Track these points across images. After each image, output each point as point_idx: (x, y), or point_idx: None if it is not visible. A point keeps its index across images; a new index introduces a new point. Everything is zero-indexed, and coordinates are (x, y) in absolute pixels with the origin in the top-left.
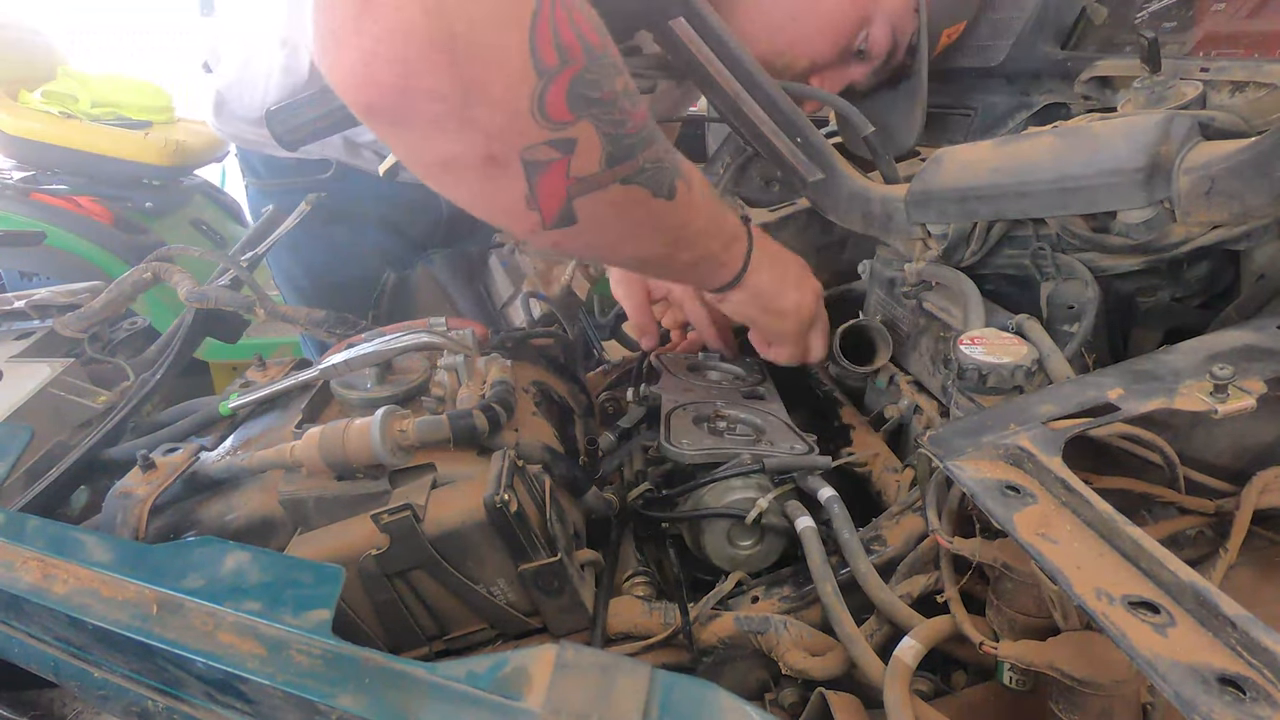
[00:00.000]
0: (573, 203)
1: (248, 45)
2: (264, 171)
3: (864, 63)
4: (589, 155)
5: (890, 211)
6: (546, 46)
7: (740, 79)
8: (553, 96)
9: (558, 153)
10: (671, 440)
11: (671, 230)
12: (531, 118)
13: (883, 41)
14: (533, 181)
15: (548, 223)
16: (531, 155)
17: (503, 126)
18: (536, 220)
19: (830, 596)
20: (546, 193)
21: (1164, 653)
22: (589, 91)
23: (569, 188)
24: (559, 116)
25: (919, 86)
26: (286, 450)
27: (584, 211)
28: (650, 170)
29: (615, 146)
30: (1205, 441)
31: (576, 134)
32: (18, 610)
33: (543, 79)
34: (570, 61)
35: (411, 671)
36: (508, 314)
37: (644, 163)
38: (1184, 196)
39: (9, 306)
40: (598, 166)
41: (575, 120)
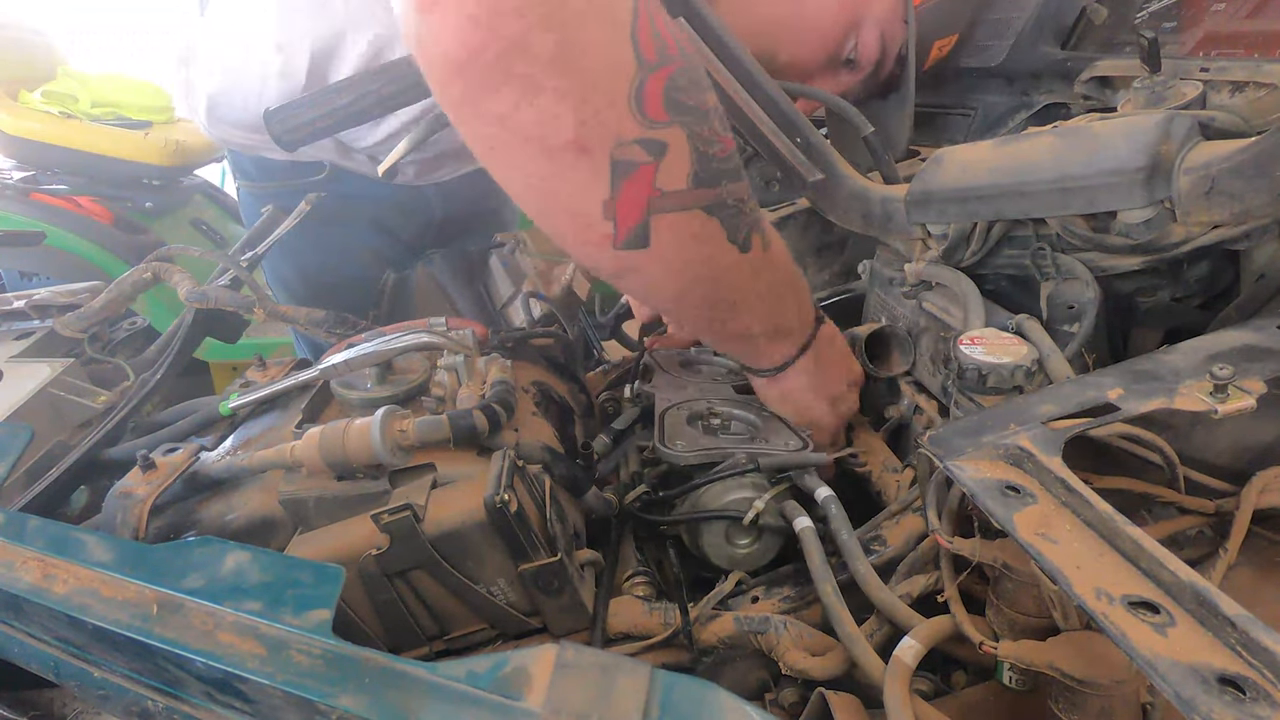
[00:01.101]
0: (650, 219)
1: (239, 49)
2: (256, 174)
3: (854, 71)
4: (678, 167)
5: (890, 211)
6: (647, 39)
7: (740, 79)
8: (650, 91)
9: (648, 155)
10: (666, 441)
11: (735, 288)
12: (628, 108)
13: (871, 50)
14: (617, 185)
15: (620, 239)
16: (621, 154)
17: (599, 110)
18: (609, 233)
19: (830, 596)
20: (627, 201)
21: (1164, 653)
22: (684, 97)
23: (651, 200)
24: (655, 115)
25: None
26: (286, 450)
27: (659, 234)
28: (732, 208)
29: (703, 166)
30: (1205, 441)
31: (669, 138)
32: (18, 610)
33: (643, 70)
34: (668, 60)
35: (411, 671)
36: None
37: (727, 196)
38: (1184, 196)
39: (9, 306)
40: (684, 183)
41: (669, 123)
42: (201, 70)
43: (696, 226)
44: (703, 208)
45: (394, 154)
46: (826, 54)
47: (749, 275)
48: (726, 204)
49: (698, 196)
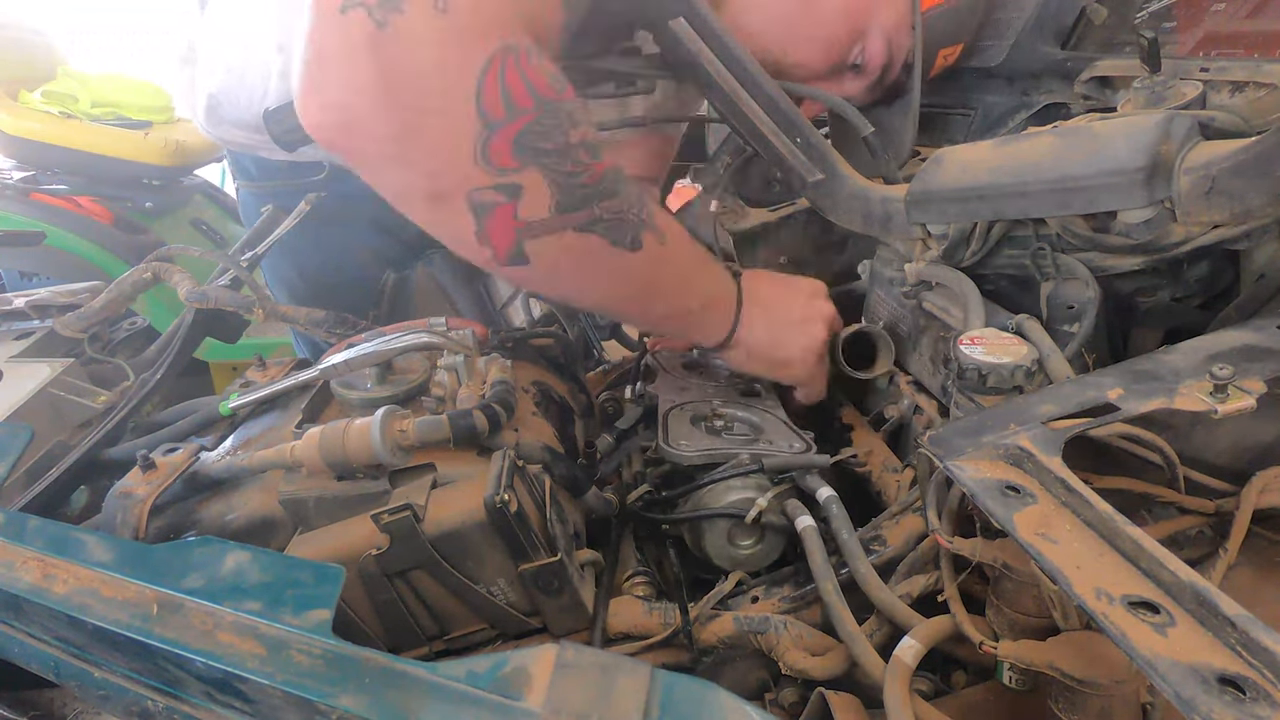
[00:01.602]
0: (523, 244)
1: (240, 49)
2: (256, 173)
3: (859, 77)
4: (537, 201)
5: (890, 211)
6: (494, 98)
7: (740, 79)
8: (497, 145)
9: (503, 197)
10: (670, 441)
11: (636, 282)
12: (474, 163)
13: (878, 56)
14: (481, 220)
15: (500, 259)
16: (478, 198)
17: (443, 169)
18: (490, 255)
19: (831, 595)
20: (496, 232)
21: (1164, 653)
22: (538, 142)
23: (518, 230)
24: (503, 164)
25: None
26: (286, 450)
27: (535, 253)
28: (609, 221)
29: (567, 196)
30: (1205, 441)
31: (523, 180)
32: (18, 610)
33: (488, 129)
34: (519, 114)
35: (411, 671)
36: (507, 314)
37: (602, 213)
38: (1184, 196)
39: (9, 306)
40: (547, 212)
41: (521, 168)
42: (203, 70)
43: (571, 243)
44: (574, 228)
45: None
46: (833, 58)
47: (649, 268)
48: (602, 219)
49: (565, 220)
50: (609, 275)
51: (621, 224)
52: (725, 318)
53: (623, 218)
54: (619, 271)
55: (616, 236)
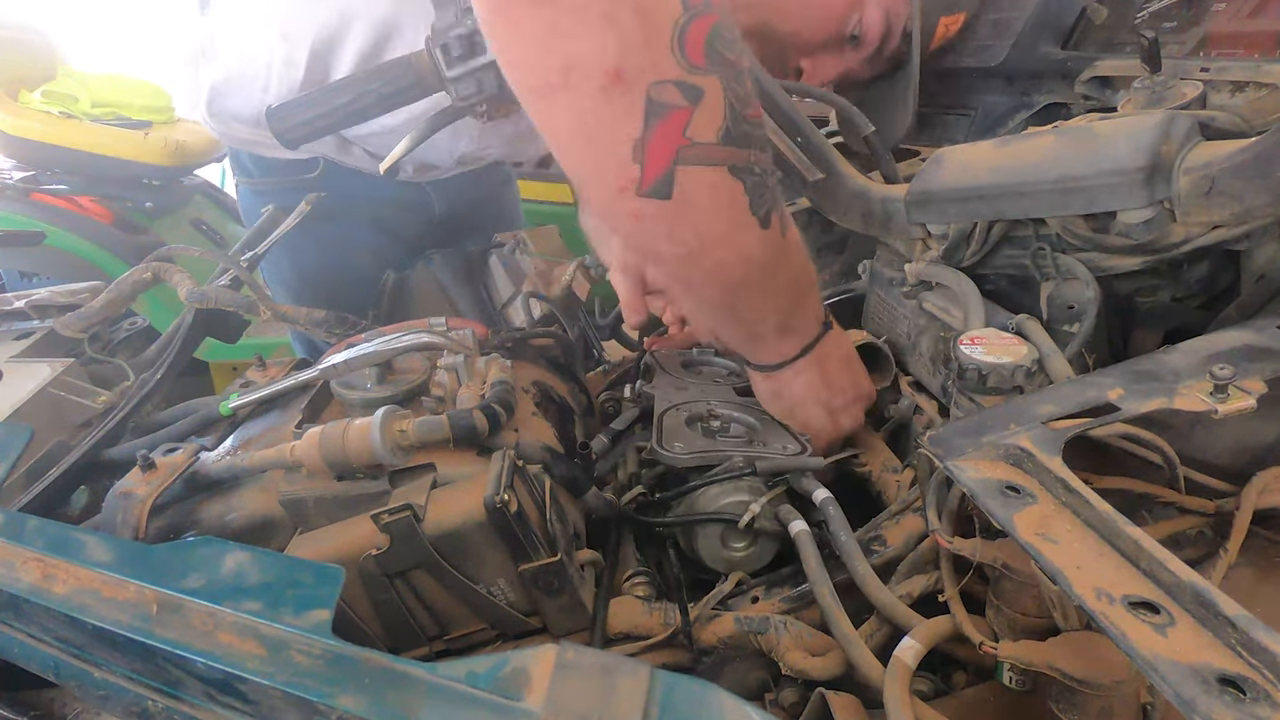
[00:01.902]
0: (676, 169)
1: (244, 39)
2: (255, 171)
3: (858, 49)
4: (710, 118)
5: (890, 211)
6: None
7: None
8: (693, 36)
9: (684, 99)
10: (664, 443)
11: (750, 262)
12: (669, 47)
13: (876, 25)
14: (650, 125)
15: (645, 184)
16: (658, 94)
17: (642, 41)
18: (635, 176)
19: (827, 599)
20: (657, 144)
21: (1164, 653)
22: (724, 49)
23: (680, 148)
24: (695, 59)
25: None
26: (286, 450)
27: (682, 186)
28: (758, 177)
29: (735, 124)
30: (1205, 441)
31: (706, 85)
32: (18, 610)
33: (687, 13)
34: (711, 9)
35: (411, 671)
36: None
37: (755, 162)
38: (1184, 196)
39: (9, 306)
40: (714, 136)
41: (708, 70)
42: (210, 64)
43: (720, 184)
44: (729, 167)
45: (394, 153)
46: (831, 29)
47: (765, 254)
48: (753, 170)
49: (726, 154)
50: (734, 241)
51: (763, 188)
52: (788, 349)
53: (765, 181)
54: (743, 242)
55: (756, 200)
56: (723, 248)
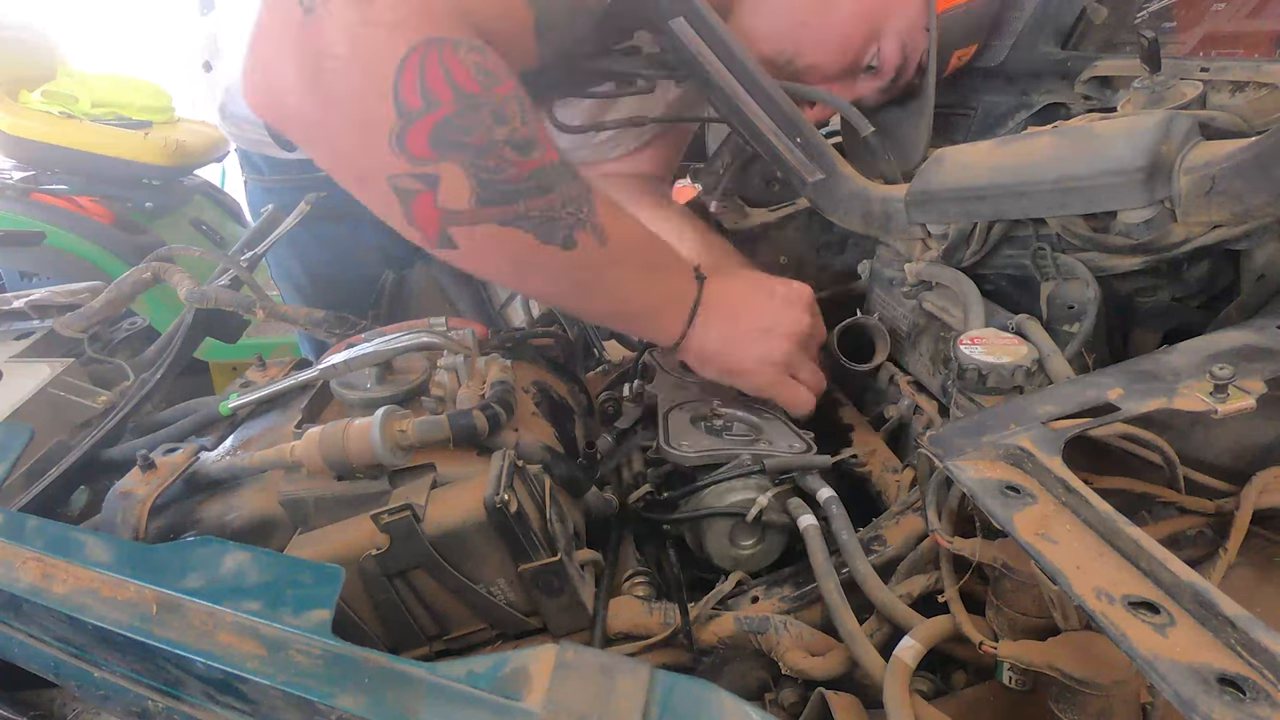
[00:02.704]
0: (448, 230)
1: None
2: (265, 168)
3: (874, 78)
4: (456, 193)
5: (890, 211)
6: (411, 90)
7: (740, 79)
8: (414, 135)
9: (421, 185)
10: (670, 442)
11: (568, 278)
12: (390, 151)
13: (893, 57)
14: (406, 205)
15: (431, 243)
16: (398, 183)
17: (361, 152)
18: (420, 237)
19: (833, 594)
20: (421, 217)
21: (1164, 653)
22: (457, 136)
23: (440, 217)
24: (420, 154)
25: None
26: (286, 450)
27: (461, 240)
28: (536, 218)
29: (487, 190)
30: (1205, 441)
31: (439, 171)
32: (18, 610)
33: (404, 118)
34: (435, 106)
35: (411, 671)
36: (506, 314)
37: (527, 210)
38: (1184, 196)
39: (9, 306)
40: (467, 204)
41: (439, 159)
42: (223, 64)
43: (495, 236)
44: (496, 221)
45: None
46: (848, 60)
47: (580, 268)
48: (528, 216)
49: (487, 214)
50: (537, 270)
51: (552, 222)
52: (677, 320)
53: (554, 215)
54: (547, 268)
55: (545, 234)
56: (528, 276)
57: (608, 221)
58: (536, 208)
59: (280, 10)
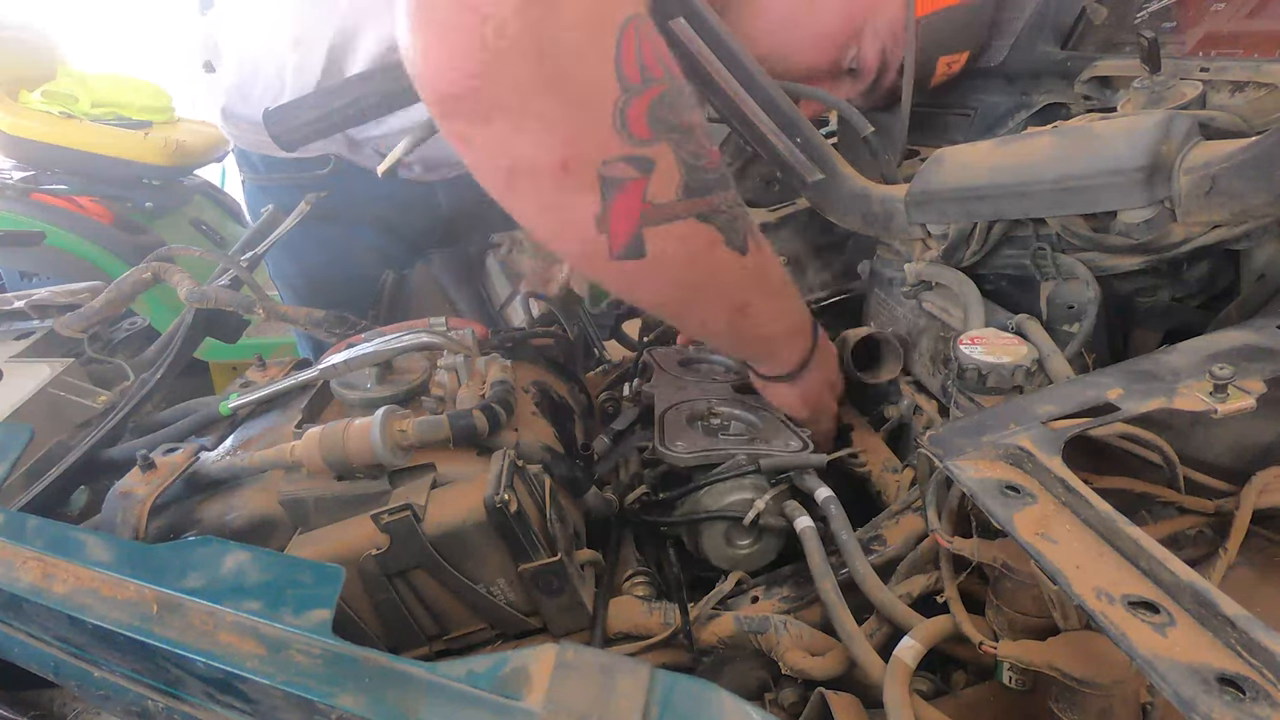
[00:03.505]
0: (643, 231)
1: (255, 45)
2: (263, 168)
3: (855, 81)
4: (667, 181)
5: (890, 211)
6: (631, 61)
7: (740, 79)
8: (634, 112)
9: (636, 171)
10: (666, 443)
11: (740, 289)
12: (613, 128)
13: (872, 59)
14: (608, 199)
15: (615, 250)
16: (609, 171)
17: (583, 132)
18: (605, 246)
19: (830, 594)
20: (619, 214)
21: (1164, 653)
22: (670, 115)
23: (643, 213)
24: (639, 133)
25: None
26: (286, 450)
27: (654, 244)
28: (725, 214)
29: (693, 178)
30: (1205, 441)
31: (655, 155)
32: (18, 610)
33: (626, 92)
34: (653, 81)
35: (411, 671)
36: (506, 314)
37: (720, 203)
38: (1184, 196)
39: (9, 306)
40: (674, 194)
41: (654, 140)
42: (224, 66)
43: (691, 233)
44: (695, 216)
45: (393, 155)
46: (828, 61)
47: (752, 276)
48: (720, 210)
49: (689, 206)
50: (718, 276)
51: (735, 221)
52: (800, 350)
53: (734, 214)
54: (727, 274)
55: (730, 234)
56: (709, 287)
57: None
58: (725, 202)
59: None
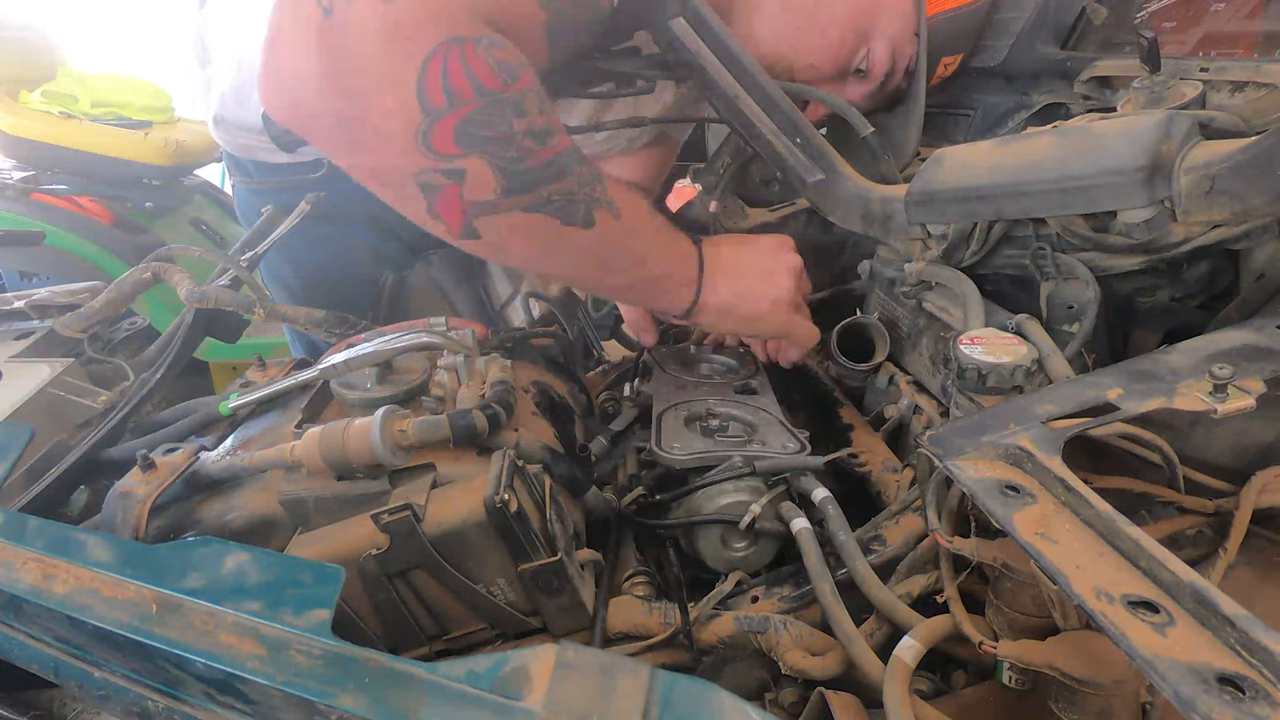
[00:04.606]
0: (473, 222)
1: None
2: (255, 172)
3: (863, 82)
4: (482, 185)
5: (890, 211)
6: (435, 89)
7: (740, 79)
8: (438, 133)
9: (447, 180)
10: (662, 444)
11: (590, 257)
12: (416, 150)
13: (882, 62)
14: (430, 199)
15: (454, 234)
16: (424, 179)
17: (389, 152)
18: (444, 230)
19: (828, 597)
20: (445, 210)
21: (1163, 652)
22: (481, 131)
23: (465, 209)
24: (445, 150)
25: (915, 109)
26: (286, 450)
27: (486, 230)
28: (559, 202)
29: (511, 180)
30: (1205, 441)
31: (466, 166)
32: (18, 610)
33: (428, 117)
34: (459, 104)
35: (411, 671)
36: (506, 314)
37: (550, 195)
38: (1184, 196)
39: (9, 306)
40: (493, 195)
41: (464, 154)
42: (217, 69)
43: (520, 223)
44: (521, 209)
45: None
46: (838, 64)
47: (602, 243)
48: (550, 200)
49: (512, 202)
50: (560, 251)
51: (571, 203)
52: (688, 284)
53: (572, 198)
54: (570, 248)
55: (566, 216)
56: (554, 258)
57: (618, 197)
58: (557, 192)
59: (299, 13)
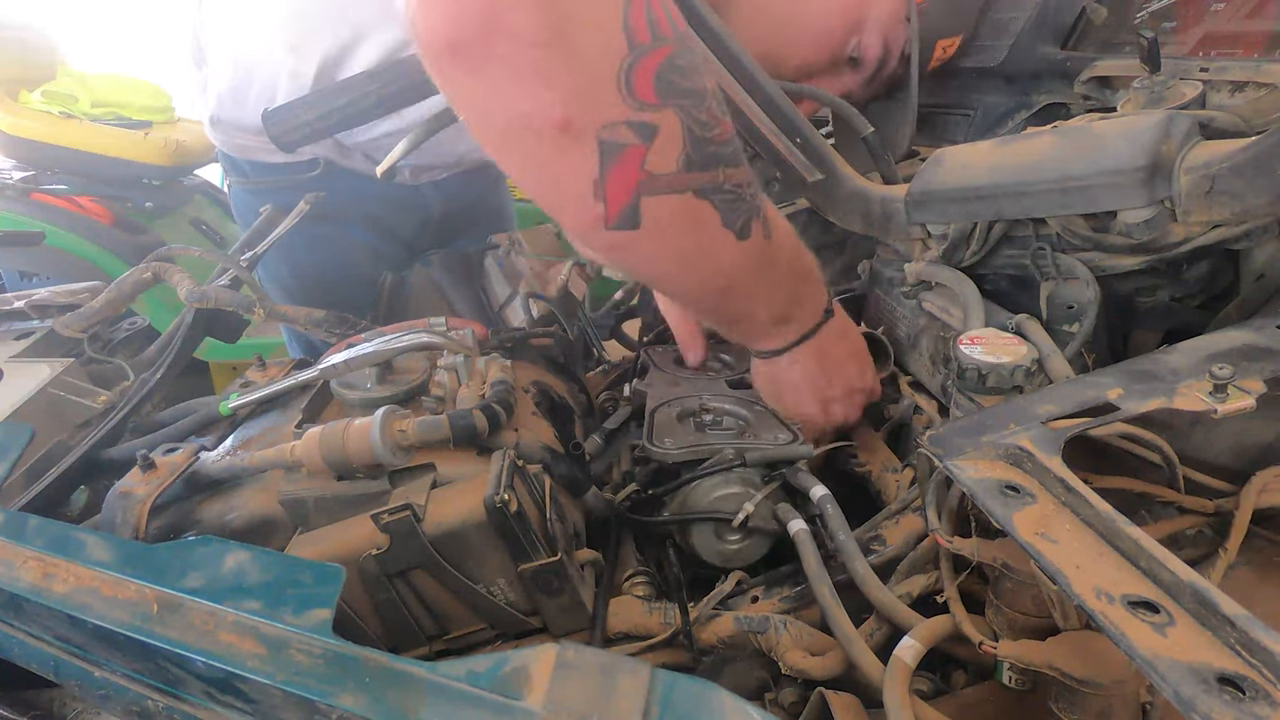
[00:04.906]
0: (640, 201)
1: (248, 49)
2: (250, 171)
3: (857, 71)
4: (668, 150)
5: (890, 211)
6: (640, 19)
7: (740, 79)
8: (641, 73)
9: (636, 138)
10: (654, 439)
11: (732, 273)
12: (616, 89)
13: (874, 49)
14: (605, 165)
15: (610, 219)
16: (609, 135)
17: (584, 90)
18: (600, 213)
19: (827, 598)
20: (616, 182)
21: (1163, 652)
22: (679, 79)
23: (640, 182)
24: (645, 97)
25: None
26: (286, 450)
27: (649, 215)
28: (729, 193)
29: (697, 149)
30: (1205, 441)
31: (660, 121)
32: (18, 610)
33: (633, 52)
34: (662, 41)
35: (411, 671)
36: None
37: (724, 181)
38: (1185, 196)
39: (9, 306)
40: (675, 165)
41: (661, 105)
42: (213, 70)
43: (686, 207)
44: (694, 191)
45: (392, 155)
46: (830, 53)
47: (746, 262)
48: (722, 189)
49: (690, 180)
50: (710, 257)
51: (738, 201)
52: (787, 337)
53: (740, 194)
54: (721, 256)
55: (729, 215)
56: (699, 264)
57: (771, 213)
58: (731, 180)
59: None
